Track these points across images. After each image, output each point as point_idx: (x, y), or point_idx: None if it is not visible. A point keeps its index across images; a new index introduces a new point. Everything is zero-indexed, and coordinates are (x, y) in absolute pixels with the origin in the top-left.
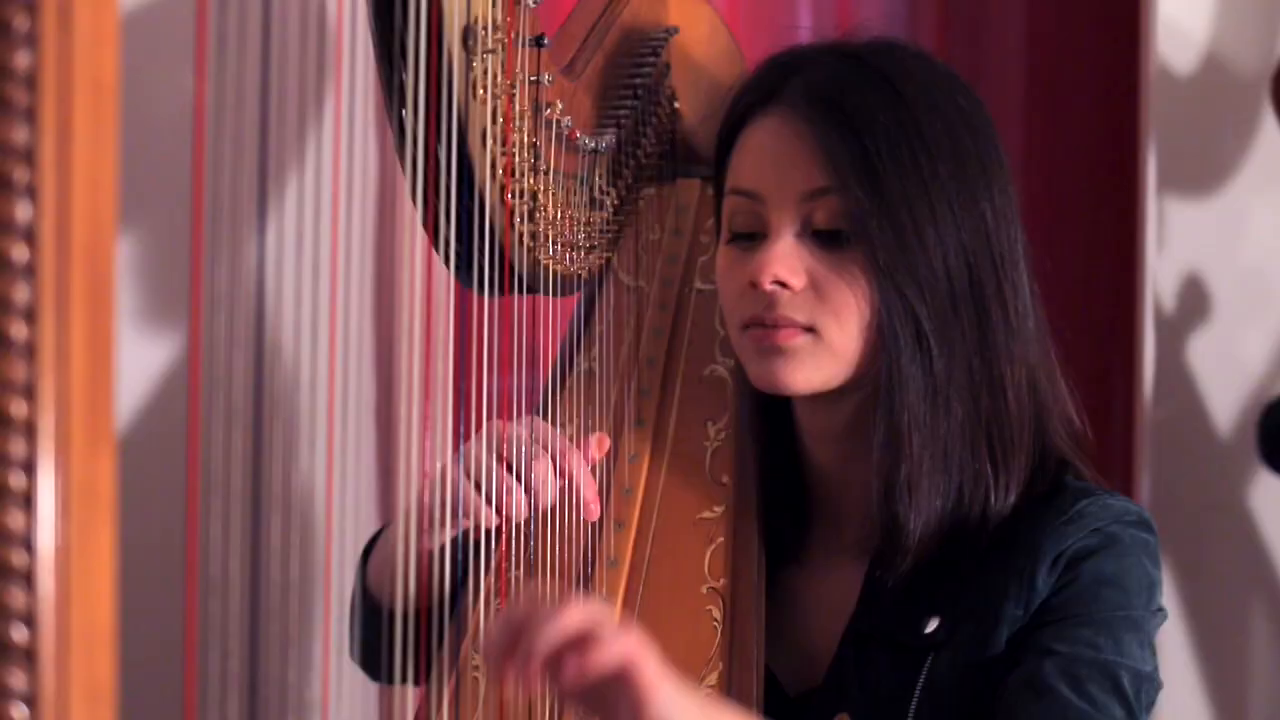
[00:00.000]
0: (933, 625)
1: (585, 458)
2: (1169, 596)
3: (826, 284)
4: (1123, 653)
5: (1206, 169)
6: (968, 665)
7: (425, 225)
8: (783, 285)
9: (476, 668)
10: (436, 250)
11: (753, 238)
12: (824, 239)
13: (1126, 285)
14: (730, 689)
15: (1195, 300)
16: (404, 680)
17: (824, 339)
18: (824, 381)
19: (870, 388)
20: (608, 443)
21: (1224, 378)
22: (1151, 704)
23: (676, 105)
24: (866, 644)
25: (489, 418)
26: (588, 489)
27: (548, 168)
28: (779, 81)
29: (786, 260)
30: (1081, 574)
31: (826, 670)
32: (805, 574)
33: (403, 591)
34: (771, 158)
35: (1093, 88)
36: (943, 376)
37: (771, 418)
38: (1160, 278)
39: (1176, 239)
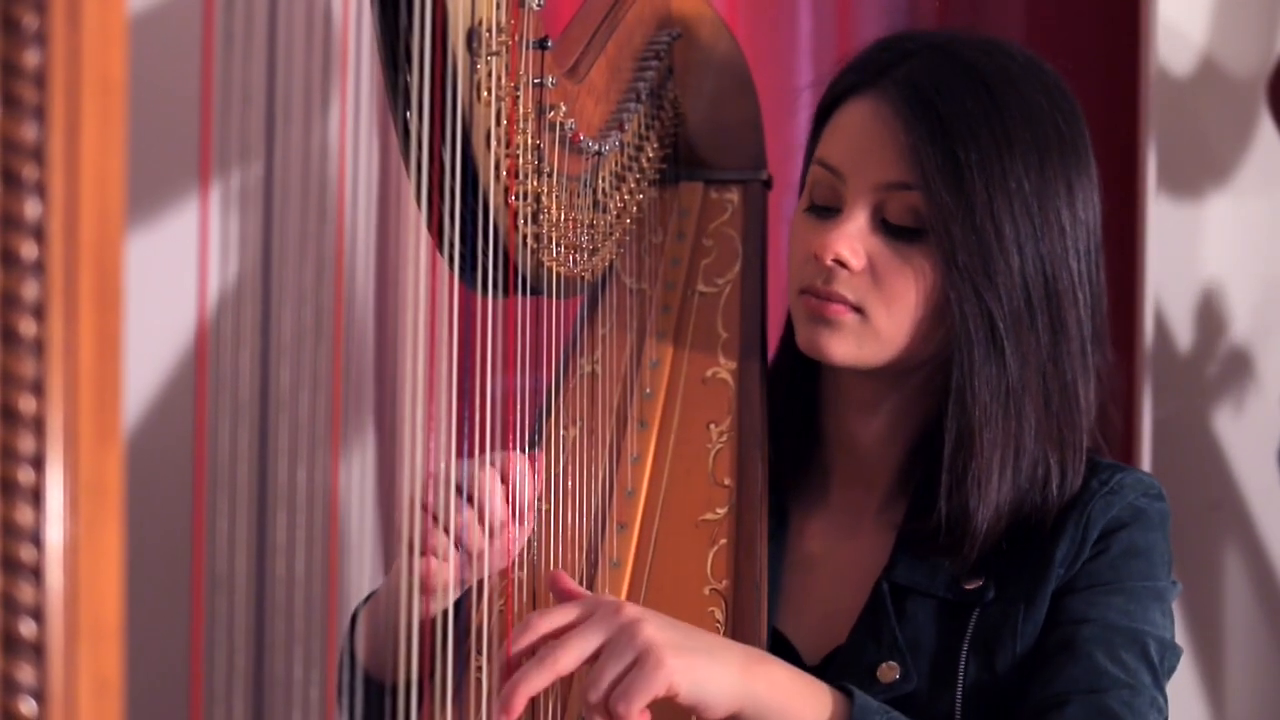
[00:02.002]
0: (975, 583)
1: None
2: None
3: (885, 271)
4: (1150, 621)
5: (1206, 170)
6: (1017, 619)
7: (429, 227)
8: (841, 264)
9: (479, 669)
10: (440, 252)
11: (828, 210)
12: (891, 230)
13: (1126, 285)
14: None
15: (1195, 301)
16: None
17: (871, 321)
18: (863, 359)
19: (920, 377)
20: (539, 460)
21: (1223, 378)
22: (1172, 670)
23: (679, 109)
24: (904, 597)
25: (491, 419)
26: (520, 531)
27: (551, 170)
28: (884, 67)
29: (850, 242)
30: (1114, 544)
31: (854, 625)
32: (828, 536)
33: (405, 662)
34: (859, 141)
35: (1092, 89)
36: (1016, 378)
37: (799, 382)
38: (1160, 278)
39: (1176, 241)
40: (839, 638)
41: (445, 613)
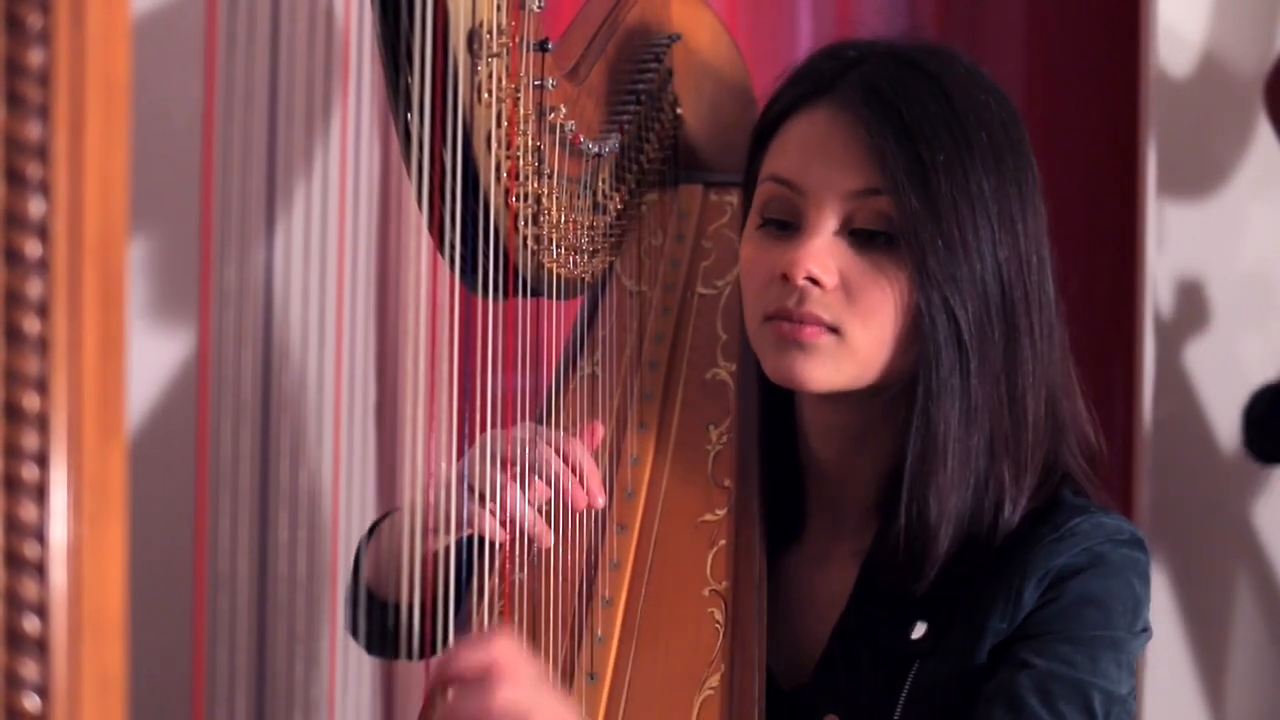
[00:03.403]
0: (920, 631)
1: (590, 447)
2: (1168, 598)
3: (858, 286)
4: (1097, 672)
5: (1205, 171)
6: (951, 675)
7: (430, 229)
8: (814, 282)
9: None
10: (441, 253)
11: (785, 227)
12: (862, 239)
13: (1126, 287)
14: (732, 690)
15: (1195, 302)
16: (409, 656)
17: (847, 341)
18: (843, 382)
19: (886, 395)
20: (602, 430)
21: (1223, 379)
22: None
23: (679, 111)
24: (854, 642)
25: (493, 419)
26: (593, 479)
27: (551, 171)
28: (832, 75)
29: (821, 257)
30: (1065, 592)
31: (815, 666)
32: (801, 564)
33: (408, 591)
34: (819, 151)
35: (1092, 89)
36: (976, 391)
37: (773, 408)
38: (1160, 280)
39: (1176, 241)
40: (806, 674)
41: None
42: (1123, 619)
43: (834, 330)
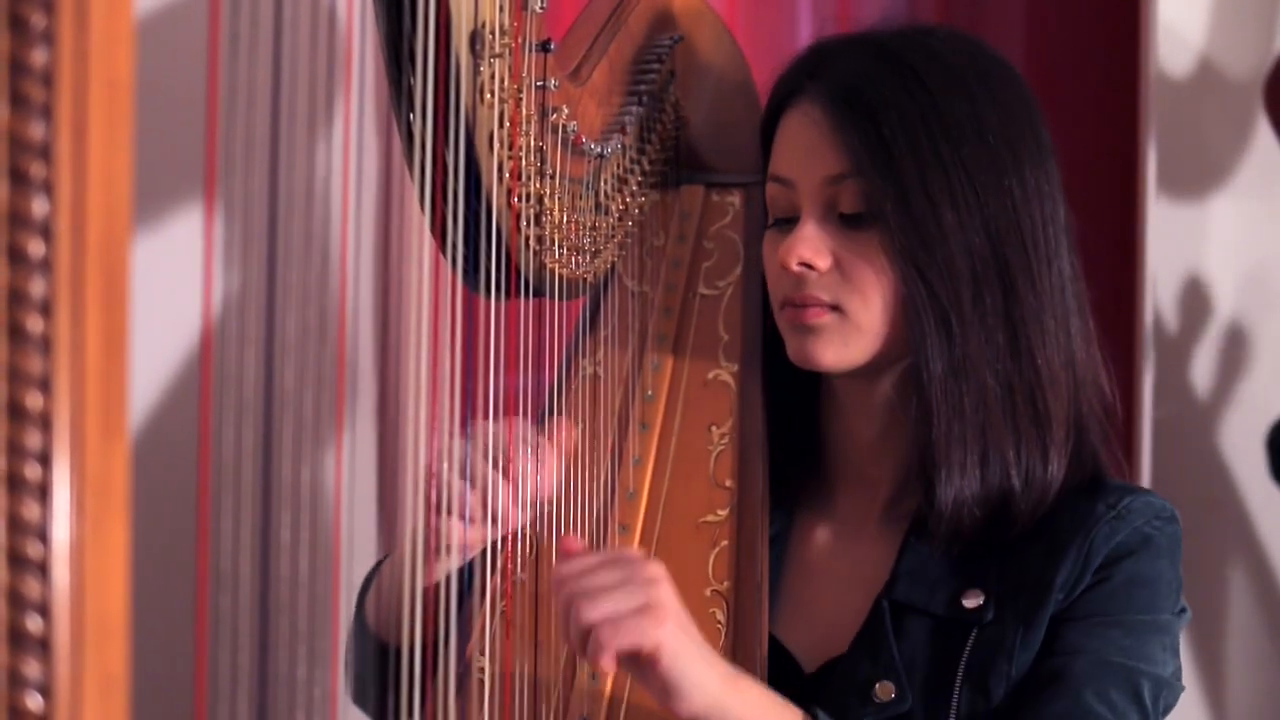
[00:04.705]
0: (975, 600)
1: (558, 449)
2: None
3: (850, 265)
4: (1147, 658)
5: (1205, 172)
6: (1013, 643)
7: (433, 230)
8: (809, 267)
9: (481, 669)
10: (444, 254)
11: (789, 222)
12: (848, 221)
13: (1127, 287)
14: None
15: (1195, 302)
16: (409, 715)
17: (850, 317)
18: (854, 358)
19: (904, 365)
20: (574, 432)
21: (1223, 378)
22: (1168, 709)
23: (681, 112)
24: (903, 612)
25: (494, 419)
26: (545, 485)
27: (553, 172)
28: (809, 72)
29: (811, 242)
30: (1117, 572)
31: (855, 638)
32: (832, 541)
33: (409, 626)
34: (798, 145)
35: (1092, 91)
36: (968, 350)
37: (799, 392)
38: (1160, 279)
39: (1176, 241)
40: (838, 647)
41: (452, 574)
42: (1167, 601)
43: (836, 309)
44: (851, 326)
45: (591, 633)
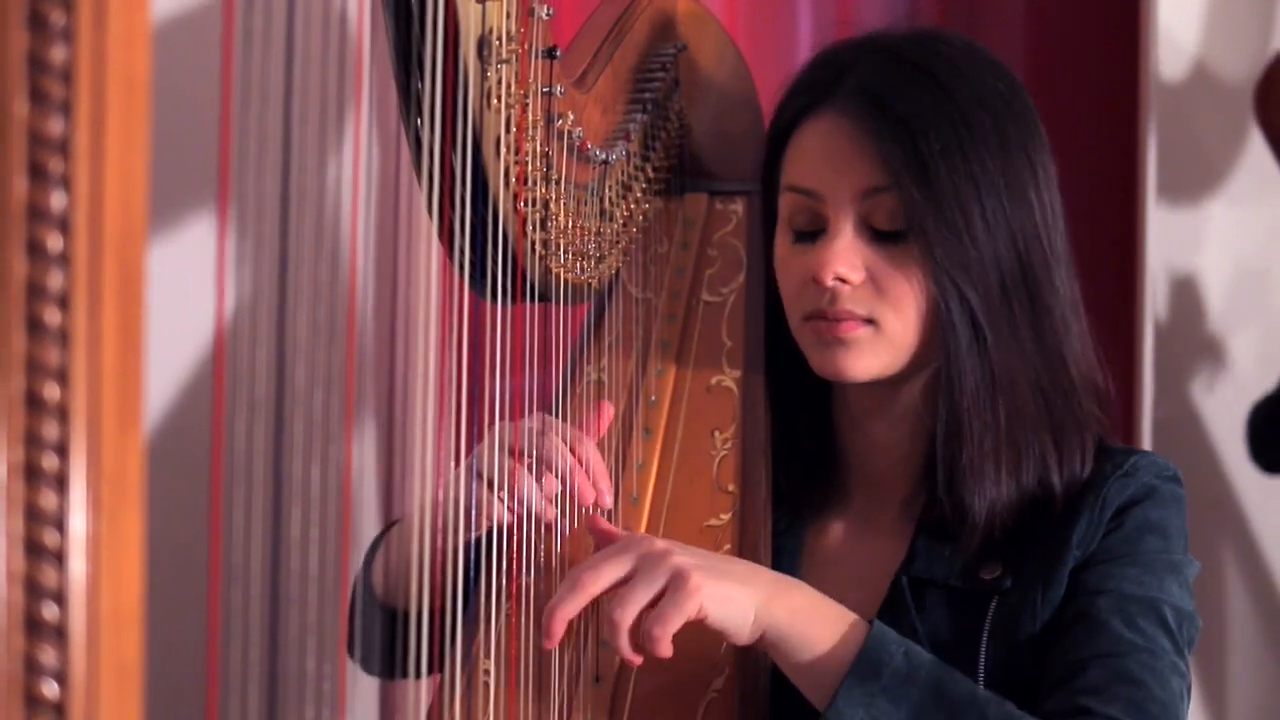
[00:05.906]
0: (993, 572)
1: (601, 426)
2: None
3: (884, 278)
4: (1165, 591)
5: (1203, 174)
6: (1033, 606)
7: (440, 235)
8: (843, 281)
9: (487, 671)
10: (450, 258)
11: (813, 234)
12: (881, 235)
13: (1127, 287)
14: (737, 692)
15: (1194, 303)
16: (417, 675)
17: (884, 330)
18: (883, 369)
19: (929, 373)
20: (611, 410)
21: (1222, 379)
22: (1192, 641)
23: (685, 120)
24: (923, 589)
25: (499, 422)
26: (600, 475)
27: (559, 178)
28: (830, 82)
29: (846, 256)
30: (1127, 520)
31: (876, 615)
32: (845, 538)
33: (418, 592)
34: (828, 158)
35: (1092, 93)
36: (1000, 362)
37: (807, 395)
38: (1160, 280)
39: (1175, 243)
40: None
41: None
42: (1178, 544)
43: (869, 322)
44: (884, 339)
45: (639, 632)
